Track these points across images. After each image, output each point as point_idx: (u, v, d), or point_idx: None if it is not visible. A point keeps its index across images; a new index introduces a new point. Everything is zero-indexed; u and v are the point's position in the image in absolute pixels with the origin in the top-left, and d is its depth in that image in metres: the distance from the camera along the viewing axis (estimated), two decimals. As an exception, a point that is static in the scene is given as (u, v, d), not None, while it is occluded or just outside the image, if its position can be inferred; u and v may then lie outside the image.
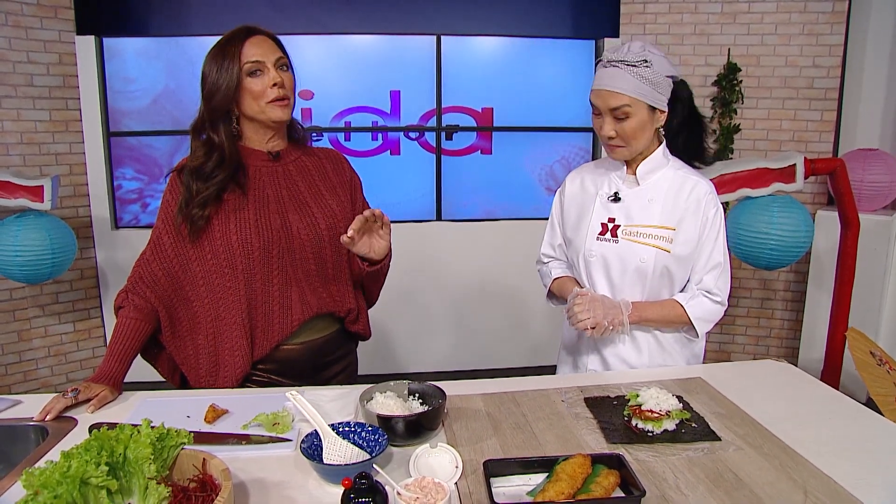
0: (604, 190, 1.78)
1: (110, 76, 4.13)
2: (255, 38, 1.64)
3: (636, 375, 1.69)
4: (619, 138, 1.66)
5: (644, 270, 1.71)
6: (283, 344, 1.70)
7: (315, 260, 1.71)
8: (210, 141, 1.65)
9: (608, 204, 1.77)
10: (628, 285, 1.74)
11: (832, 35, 4.14)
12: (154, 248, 1.67)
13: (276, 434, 1.36)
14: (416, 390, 1.44)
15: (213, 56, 1.64)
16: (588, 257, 1.77)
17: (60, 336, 4.16)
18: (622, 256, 1.72)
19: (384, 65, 4.34)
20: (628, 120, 1.63)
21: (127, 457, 1.04)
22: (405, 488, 1.05)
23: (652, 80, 1.62)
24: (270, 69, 1.62)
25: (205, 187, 1.61)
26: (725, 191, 3.30)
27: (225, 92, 1.61)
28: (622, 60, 1.62)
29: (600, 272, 1.76)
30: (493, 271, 4.43)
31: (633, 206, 1.74)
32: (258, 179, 1.68)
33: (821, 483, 1.16)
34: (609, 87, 1.62)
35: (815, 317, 4.08)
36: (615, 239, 1.74)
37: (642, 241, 1.71)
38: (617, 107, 1.62)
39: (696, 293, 1.74)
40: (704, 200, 1.71)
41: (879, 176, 3.78)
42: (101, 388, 1.53)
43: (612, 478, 1.12)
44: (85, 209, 4.16)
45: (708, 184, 1.75)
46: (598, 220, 1.77)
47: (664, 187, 1.73)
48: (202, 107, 1.66)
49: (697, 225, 1.71)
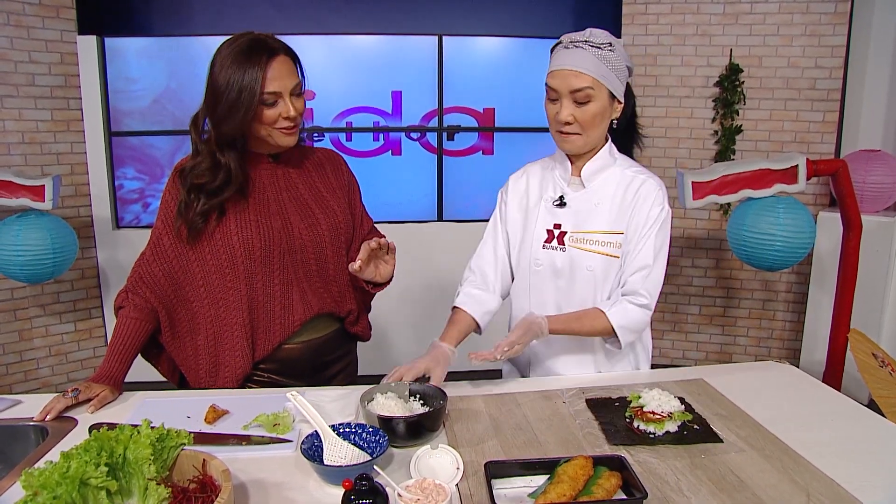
0: (548, 193, 1.69)
1: (112, 76, 4.13)
2: (278, 62, 1.55)
3: (638, 377, 1.69)
4: (576, 124, 1.56)
5: (593, 279, 1.63)
6: (284, 344, 1.70)
7: (316, 260, 1.71)
8: (216, 161, 1.59)
9: (553, 209, 1.67)
10: (578, 295, 1.65)
11: (834, 36, 4.13)
12: (154, 248, 1.66)
13: (277, 435, 1.36)
14: (417, 391, 1.44)
15: (228, 66, 1.53)
16: (534, 266, 1.67)
17: (61, 336, 4.16)
18: (570, 265, 1.63)
19: (386, 65, 4.33)
20: (589, 104, 1.54)
21: (127, 457, 1.03)
22: (406, 489, 1.05)
23: (616, 65, 1.54)
24: (286, 100, 1.57)
25: (207, 201, 1.59)
26: (727, 192, 3.29)
27: (241, 119, 1.54)
28: (587, 41, 1.54)
29: (547, 281, 1.67)
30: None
31: (579, 211, 1.64)
32: (258, 181, 1.68)
33: (823, 485, 1.16)
34: (572, 66, 1.53)
35: (817, 318, 4.07)
36: (562, 246, 1.64)
37: (589, 249, 1.62)
38: (579, 88, 1.52)
39: (619, 299, 1.61)
40: (651, 198, 1.62)
41: (882, 177, 3.76)
42: (102, 388, 1.53)
43: (613, 479, 1.11)
44: (86, 209, 4.16)
45: (657, 183, 1.66)
46: (544, 227, 1.66)
47: (611, 189, 1.64)
48: (204, 113, 1.60)
49: (639, 224, 1.61)
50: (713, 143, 4.34)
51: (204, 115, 1.61)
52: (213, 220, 1.61)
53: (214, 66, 1.56)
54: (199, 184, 1.59)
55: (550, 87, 1.59)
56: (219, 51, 1.57)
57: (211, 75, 1.56)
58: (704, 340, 4.61)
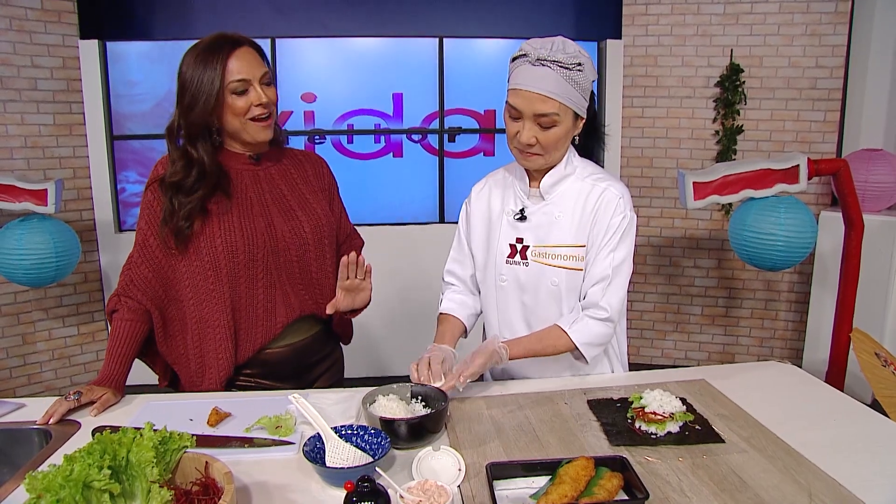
0: (509, 206, 1.64)
1: (113, 80, 4.14)
2: (241, 52, 1.57)
3: (639, 378, 1.69)
4: (538, 146, 1.50)
5: (558, 294, 1.59)
6: (267, 347, 1.70)
7: (299, 262, 1.71)
8: (188, 155, 1.60)
9: (515, 223, 1.62)
10: (542, 308, 1.62)
11: (835, 35, 4.13)
12: (141, 250, 1.66)
13: (279, 437, 1.36)
14: (418, 393, 1.44)
15: (192, 63, 1.57)
16: (499, 282, 1.64)
17: (64, 339, 4.17)
18: (534, 280, 1.60)
19: (387, 67, 4.34)
20: (554, 129, 1.47)
21: (129, 460, 1.04)
22: (408, 491, 1.05)
23: (583, 85, 1.47)
24: (256, 87, 1.59)
25: (187, 200, 1.59)
26: (729, 192, 3.29)
27: (203, 106, 1.56)
28: (555, 61, 1.43)
29: (512, 296, 1.64)
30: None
31: (540, 225, 1.60)
32: (240, 183, 1.67)
33: (825, 485, 1.15)
34: (539, 89, 1.43)
35: (820, 318, 4.07)
36: (525, 261, 1.60)
37: (552, 264, 1.58)
38: (545, 113, 1.45)
39: (580, 315, 1.57)
40: (612, 207, 1.56)
41: (883, 176, 3.76)
42: (104, 390, 1.54)
43: (615, 480, 1.12)
44: (88, 212, 4.17)
45: (620, 188, 1.59)
46: (506, 241, 1.62)
47: (571, 200, 1.58)
48: (178, 115, 1.61)
49: (599, 235, 1.56)
50: (714, 143, 4.34)
51: (178, 117, 1.61)
52: (198, 223, 1.61)
53: (181, 68, 1.60)
54: (175, 182, 1.59)
55: (511, 106, 1.49)
56: (186, 54, 1.61)
57: (179, 75, 1.60)
58: (707, 341, 4.61)
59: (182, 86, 1.59)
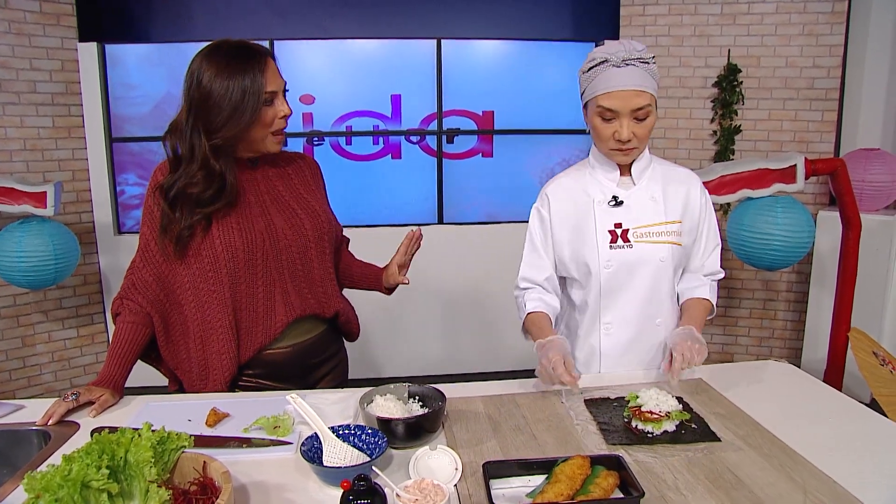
0: (597, 197, 1.71)
1: (112, 82, 4.15)
2: (270, 64, 1.60)
3: (636, 377, 1.69)
4: (635, 139, 1.61)
5: (665, 269, 1.70)
6: (269, 348, 1.70)
7: (301, 261, 1.72)
8: (210, 168, 1.58)
9: (610, 209, 1.70)
10: (652, 287, 1.70)
11: (832, 35, 4.13)
12: (143, 254, 1.66)
13: (277, 437, 1.37)
14: (416, 393, 1.45)
15: (220, 73, 1.54)
16: (605, 268, 1.69)
17: (64, 341, 4.17)
18: (641, 260, 1.69)
19: (385, 69, 4.35)
20: (647, 119, 1.61)
21: (128, 460, 1.04)
22: (404, 490, 1.06)
23: (657, 76, 1.62)
24: (280, 98, 1.60)
25: (199, 212, 1.59)
26: (726, 192, 3.29)
27: (248, 121, 1.55)
28: (637, 58, 1.58)
29: (621, 279, 1.70)
30: (494, 274, 4.43)
31: (636, 208, 1.70)
32: (238, 185, 1.66)
33: (821, 483, 1.16)
34: (633, 86, 1.57)
35: (818, 317, 4.07)
36: (628, 244, 1.69)
37: (657, 241, 1.69)
38: (641, 107, 1.58)
39: (703, 280, 1.77)
40: (696, 185, 1.75)
41: (881, 176, 3.77)
42: (102, 391, 1.54)
43: (611, 479, 1.12)
44: (88, 215, 4.17)
45: (688, 170, 1.79)
46: (605, 229, 1.69)
47: (659, 183, 1.72)
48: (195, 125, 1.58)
49: (695, 211, 1.73)
50: (712, 143, 4.34)
51: (191, 126, 1.58)
52: (198, 229, 1.61)
53: (201, 77, 1.56)
54: (190, 194, 1.58)
55: (607, 108, 1.59)
56: (201, 61, 1.57)
57: (198, 85, 1.56)
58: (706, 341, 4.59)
59: (211, 98, 1.54)
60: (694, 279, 1.79)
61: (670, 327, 1.74)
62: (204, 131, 1.57)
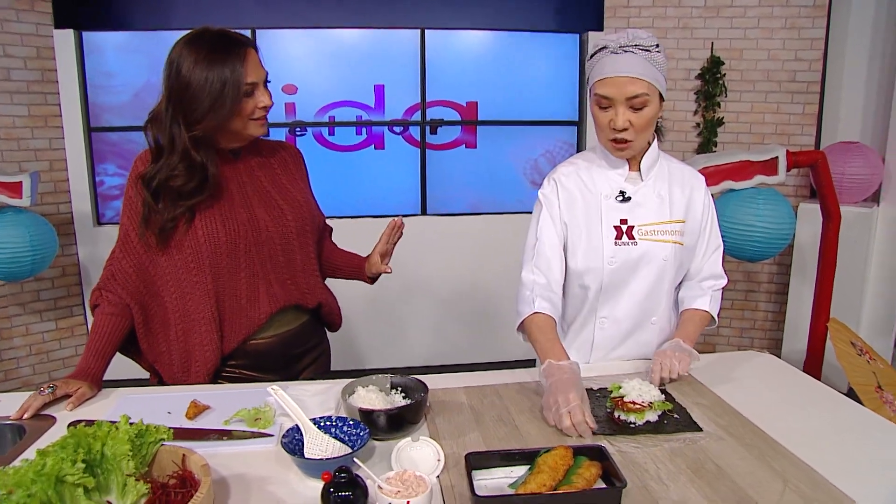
0: (604, 191, 1.67)
1: (90, 71, 4.08)
2: (251, 54, 1.57)
3: (619, 368, 1.69)
4: (631, 130, 1.55)
5: (667, 268, 1.67)
6: (252, 338, 1.69)
7: (283, 252, 1.71)
8: (191, 160, 1.55)
9: (617, 205, 1.66)
10: (653, 286, 1.68)
11: (813, 28, 4.17)
12: (123, 245, 1.64)
13: (258, 429, 1.35)
14: (398, 384, 1.43)
15: (198, 64, 1.51)
16: (608, 265, 1.65)
17: (42, 334, 4.11)
18: (645, 258, 1.65)
19: (368, 59, 4.32)
20: (645, 109, 1.53)
21: (105, 454, 1.02)
22: (386, 482, 1.05)
23: (662, 65, 1.55)
24: (261, 89, 1.58)
25: (181, 205, 1.56)
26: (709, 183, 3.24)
27: (228, 112, 1.53)
28: (637, 45, 1.51)
29: (622, 276, 1.66)
30: (478, 264, 4.43)
31: (643, 204, 1.66)
32: (220, 176, 1.64)
33: (800, 472, 1.17)
34: (627, 72, 1.50)
35: (798, 308, 4.12)
36: (633, 241, 1.65)
37: (661, 239, 1.65)
38: (636, 94, 1.51)
39: (703, 289, 1.73)
40: (701, 186, 1.72)
41: (860, 168, 3.81)
42: (80, 384, 1.51)
43: (593, 469, 1.12)
44: (66, 205, 4.11)
45: (693, 170, 1.75)
46: (610, 224, 1.65)
47: (666, 180, 1.68)
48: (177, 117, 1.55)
49: (698, 211, 1.71)
50: (695, 135, 4.37)
51: (171, 116, 1.56)
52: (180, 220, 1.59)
53: (181, 66, 1.53)
54: (172, 186, 1.56)
55: (602, 96, 1.55)
56: (181, 49, 1.54)
57: (178, 75, 1.53)
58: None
59: (190, 88, 1.52)
60: (695, 288, 1.75)
61: (665, 327, 1.74)
62: (184, 122, 1.55)
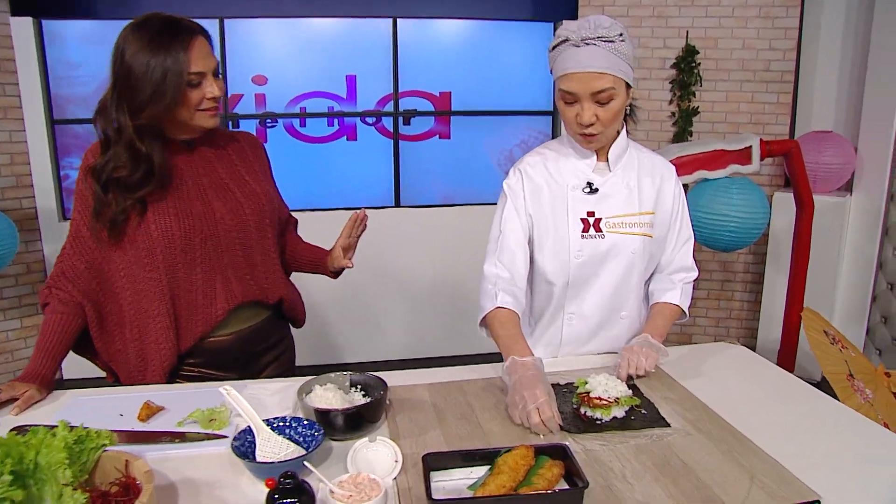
0: (571, 182, 1.62)
1: (52, 60, 3.95)
2: (198, 43, 1.50)
3: (588, 362, 1.66)
4: (599, 123, 1.50)
5: (636, 262, 1.62)
6: (211, 336, 1.63)
7: (241, 246, 1.65)
8: (136, 151, 1.50)
9: (584, 196, 1.61)
10: (618, 277, 1.63)
11: (787, 18, 4.16)
12: (74, 241, 1.58)
13: (213, 431, 1.30)
14: (357, 382, 1.39)
15: (142, 50, 1.45)
16: (574, 258, 1.61)
17: (6, 333, 4.00)
18: (612, 251, 1.61)
19: (340, 49, 4.24)
20: (611, 103, 1.48)
21: (38, 463, 0.96)
22: (339, 486, 1.00)
23: (627, 54, 1.48)
24: (209, 79, 1.52)
25: (130, 197, 1.51)
26: (682, 173, 3.29)
27: (169, 103, 1.47)
28: (599, 37, 1.44)
29: (589, 270, 1.62)
30: (452, 256, 4.39)
31: (611, 196, 1.61)
32: (174, 167, 1.59)
33: (768, 467, 1.14)
34: (592, 67, 1.44)
35: (774, 297, 4.13)
36: (600, 234, 1.60)
37: (629, 232, 1.61)
38: (602, 90, 1.45)
39: (674, 282, 1.69)
40: (672, 176, 1.68)
41: (833, 158, 3.82)
42: (27, 387, 1.45)
43: (555, 469, 1.08)
44: (29, 200, 3.99)
45: (664, 159, 1.71)
46: (577, 217, 1.60)
47: (635, 170, 1.64)
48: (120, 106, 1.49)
49: (668, 202, 1.66)
50: (671, 124, 4.35)
51: (115, 104, 1.50)
52: (133, 213, 1.53)
53: (125, 51, 1.47)
54: (118, 178, 1.50)
55: (567, 91, 1.49)
56: (127, 35, 1.49)
57: (122, 61, 1.47)
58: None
59: (132, 76, 1.46)
60: (665, 281, 1.71)
61: (634, 321, 1.71)
62: (128, 110, 1.49)
